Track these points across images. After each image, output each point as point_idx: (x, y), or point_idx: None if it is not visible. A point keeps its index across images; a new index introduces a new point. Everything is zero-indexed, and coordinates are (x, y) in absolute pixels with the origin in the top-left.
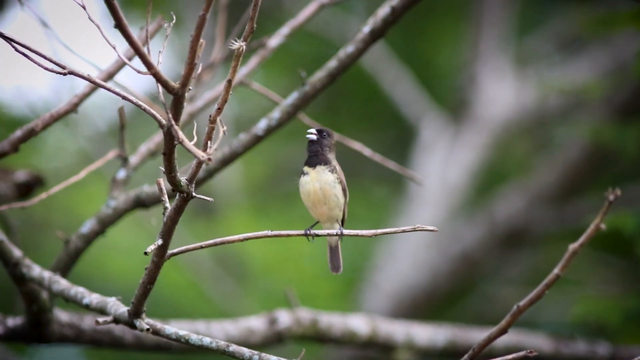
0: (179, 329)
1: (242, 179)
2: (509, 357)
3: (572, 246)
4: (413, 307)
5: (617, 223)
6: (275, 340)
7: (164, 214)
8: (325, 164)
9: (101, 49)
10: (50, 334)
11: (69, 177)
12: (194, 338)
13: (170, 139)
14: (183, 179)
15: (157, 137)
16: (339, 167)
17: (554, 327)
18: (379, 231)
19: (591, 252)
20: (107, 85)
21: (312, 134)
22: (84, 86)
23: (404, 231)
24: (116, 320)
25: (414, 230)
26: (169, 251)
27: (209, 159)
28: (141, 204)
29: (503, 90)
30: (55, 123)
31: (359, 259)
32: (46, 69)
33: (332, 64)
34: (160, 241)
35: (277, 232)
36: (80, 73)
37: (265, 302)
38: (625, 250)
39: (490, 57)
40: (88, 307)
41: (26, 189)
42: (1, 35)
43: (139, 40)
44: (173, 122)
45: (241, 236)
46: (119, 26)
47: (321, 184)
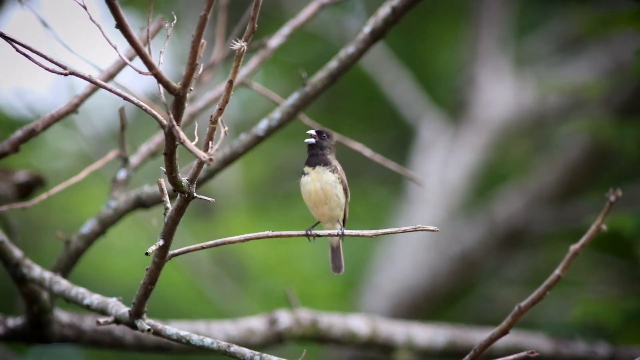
0: (180, 329)
1: (242, 180)
2: (510, 357)
3: (574, 247)
4: (412, 308)
5: (616, 224)
6: (276, 341)
7: (165, 214)
8: (326, 164)
9: (99, 49)
10: (50, 334)
11: (68, 177)
12: (195, 339)
13: (171, 139)
14: (184, 179)
15: (158, 138)
16: (340, 168)
17: (553, 327)
18: (380, 231)
19: (590, 253)
20: (109, 85)
21: (310, 136)
22: (83, 87)
23: (405, 231)
24: (117, 321)
25: (415, 230)
26: (170, 252)
27: (210, 159)
28: (142, 204)
29: (502, 91)
30: (55, 123)
31: (359, 260)
32: (47, 69)
33: (332, 64)
34: (161, 242)
35: (278, 232)
36: (82, 73)
37: (264, 302)
38: (624, 251)
39: (489, 58)
40: (89, 308)
41: (26, 190)
42: (2, 35)
43: (139, 40)
44: (174, 123)
45: (242, 237)
46: (120, 26)
47: (322, 184)
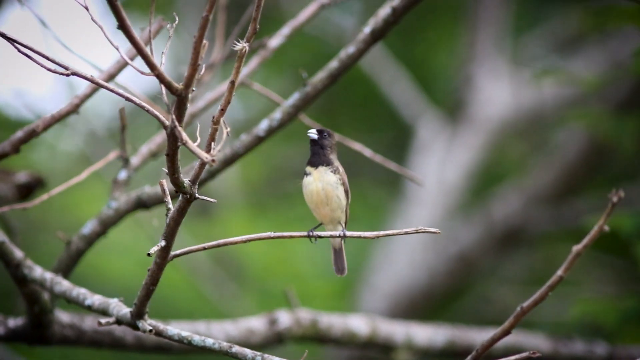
0: (180, 330)
1: (240, 180)
2: (512, 358)
3: (576, 248)
4: (410, 307)
5: (614, 223)
6: (276, 341)
7: (166, 215)
8: (327, 164)
9: (97, 50)
10: (51, 334)
11: (68, 178)
12: (197, 339)
13: (173, 140)
14: (186, 180)
15: (158, 138)
16: (341, 169)
17: (551, 327)
18: (381, 233)
19: (588, 253)
20: (110, 86)
21: (312, 133)
22: (84, 87)
23: (406, 233)
24: (119, 322)
25: (416, 232)
26: (172, 252)
27: (212, 160)
28: (142, 204)
29: (500, 91)
30: (56, 124)
31: (357, 260)
32: (49, 69)
33: (333, 64)
34: (163, 242)
35: (280, 233)
36: (83, 74)
37: (263, 302)
38: (622, 251)
39: (486, 58)
40: (90, 308)
41: (27, 190)
42: (4, 35)
43: (141, 41)
44: (177, 124)
45: (244, 237)
46: (122, 27)
47: (324, 184)
